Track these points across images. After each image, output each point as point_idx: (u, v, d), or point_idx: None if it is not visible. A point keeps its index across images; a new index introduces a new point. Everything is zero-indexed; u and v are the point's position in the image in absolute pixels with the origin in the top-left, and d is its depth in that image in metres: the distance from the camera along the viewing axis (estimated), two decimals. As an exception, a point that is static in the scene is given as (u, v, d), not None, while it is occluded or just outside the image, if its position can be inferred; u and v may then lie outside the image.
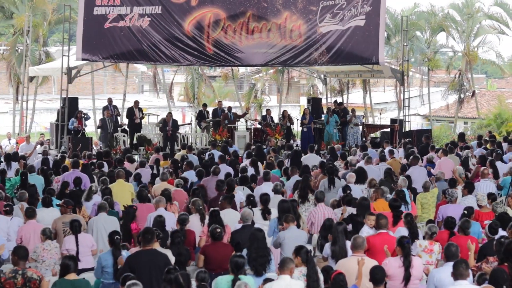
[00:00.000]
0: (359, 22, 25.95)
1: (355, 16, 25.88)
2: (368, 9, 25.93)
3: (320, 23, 25.86)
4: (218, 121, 26.20)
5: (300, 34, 25.87)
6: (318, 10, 25.78)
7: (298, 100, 55.06)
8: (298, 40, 25.88)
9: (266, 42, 25.82)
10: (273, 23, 25.69)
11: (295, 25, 25.81)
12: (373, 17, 26.05)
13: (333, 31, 25.92)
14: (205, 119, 27.26)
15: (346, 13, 25.83)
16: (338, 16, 25.80)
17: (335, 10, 25.77)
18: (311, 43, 25.92)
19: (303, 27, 25.86)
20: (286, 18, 25.74)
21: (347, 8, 25.80)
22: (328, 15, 25.82)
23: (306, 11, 25.82)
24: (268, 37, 25.79)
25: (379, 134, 28.82)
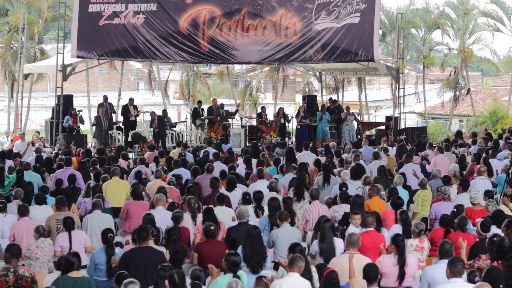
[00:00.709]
0: (354, 19, 25.94)
1: (350, 13, 25.87)
2: (363, 6, 25.93)
3: (315, 21, 25.83)
4: (212, 118, 26.19)
5: (295, 31, 25.84)
6: (314, 8, 25.75)
7: (293, 97, 55.01)
8: (293, 37, 25.84)
9: (262, 39, 25.79)
10: (268, 21, 25.65)
11: (291, 22, 25.77)
12: (368, 14, 26.07)
13: (328, 29, 25.91)
14: (200, 117, 27.23)
15: (342, 10, 25.80)
16: (334, 13, 25.79)
17: (331, 8, 25.75)
18: (307, 41, 25.89)
19: (299, 25, 25.82)
20: (281, 16, 25.70)
21: (343, 5, 25.78)
22: (323, 13, 25.79)
23: (301, 9, 25.80)
24: (263, 34, 25.75)
25: (374, 131, 28.81)
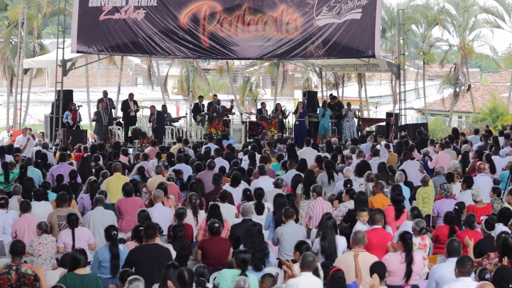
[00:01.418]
0: (356, 15, 25.84)
1: (352, 9, 25.76)
2: (364, 2, 25.80)
3: (316, 16, 25.71)
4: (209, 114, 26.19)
5: (296, 27, 25.74)
6: (315, 3, 25.62)
7: (292, 93, 54.98)
8: (294, 33, 25.73)
9: (262, 35, 25.68)
10: (269, 16, 25.54)
11: (292, 18, 25.66)
12: (369, 10, 25.96)
13: (329, 24, 25.80)
14: (200, 112, 27.18)
15: (343, 6, 25.69)
16: (335, 9, 25.67)
17: (332, 3, 25.63)
18: (308, 36, 25.78)
19: (300, 20, 25.72)
20: (282, 11, 25.58)
21: (344, 1, 25.65)
22: (324, 8, 25.67)
23: (302, 4, 25.68)
24: (264, 30, 25.65)
25: (375, 128, 28.75)
